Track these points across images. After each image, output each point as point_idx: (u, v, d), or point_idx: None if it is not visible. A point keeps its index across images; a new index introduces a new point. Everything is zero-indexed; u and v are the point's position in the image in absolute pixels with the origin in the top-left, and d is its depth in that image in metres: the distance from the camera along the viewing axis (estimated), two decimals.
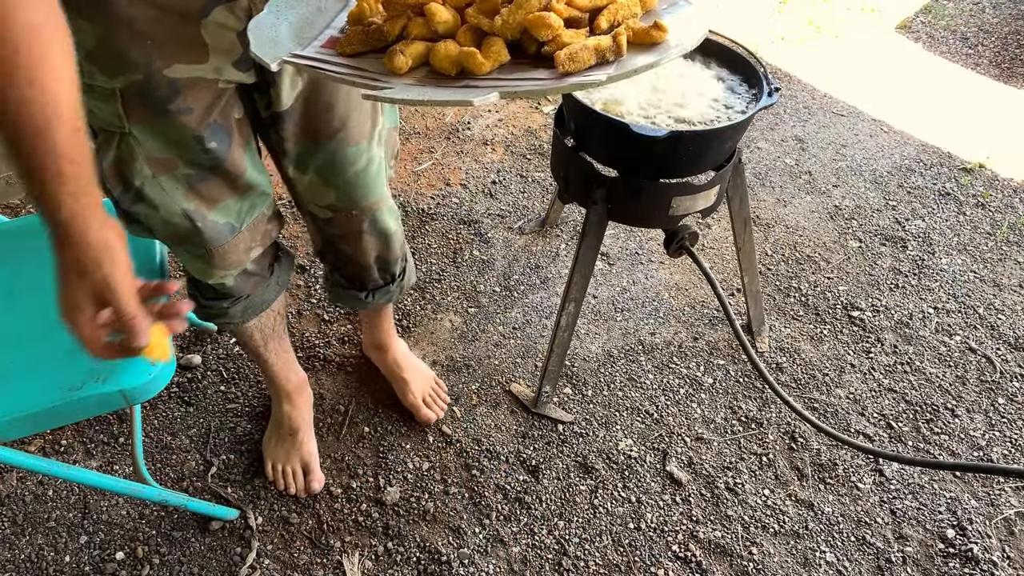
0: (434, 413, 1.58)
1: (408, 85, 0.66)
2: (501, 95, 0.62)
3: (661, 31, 0.70)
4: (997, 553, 1.42)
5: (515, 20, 0.68)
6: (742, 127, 1.27)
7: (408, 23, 0.71)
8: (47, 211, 0.67)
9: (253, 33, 0.72)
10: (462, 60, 0.67)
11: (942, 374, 1.73)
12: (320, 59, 0.70)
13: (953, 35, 3.02)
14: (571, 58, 0.65)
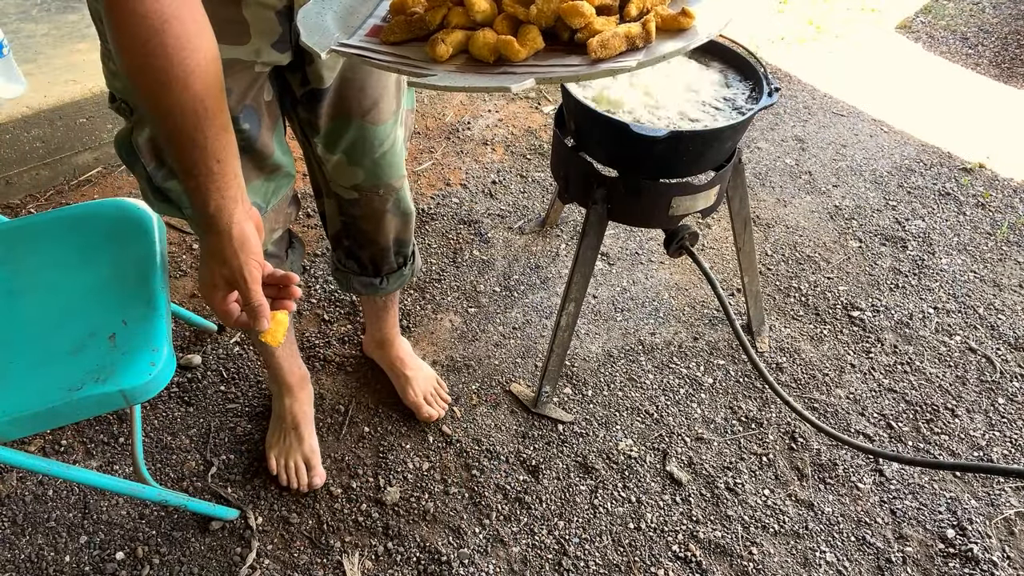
0: (435, 412, 1.58)
1: (449, 72, 0.70)
2: (537, 81, 0.66)
3: (688, 17, 0.73)
4: (997, 553, 1.42)
5: (550, 9, 0.71)
6: (742, 127, 1.27)
7: (448, 12, 0.74)
8: (197, 204, 0.77)
9: (302, 23, 0.75)
10: (500, 48, 0.70)
11: (942, 374, 1.73)
12: (366, 48, 0.74)
13: (953, 35, 3.02)
14: (603, 45, 0.68)
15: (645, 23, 0.71)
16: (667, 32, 0.74)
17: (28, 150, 2.00)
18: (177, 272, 1.88)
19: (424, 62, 0.72)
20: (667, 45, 0.72)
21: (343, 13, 0.81)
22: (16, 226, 1.27)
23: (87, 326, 1.09)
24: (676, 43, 0.72)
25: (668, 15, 0.74)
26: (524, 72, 0.69)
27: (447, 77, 0.68)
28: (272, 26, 0.92)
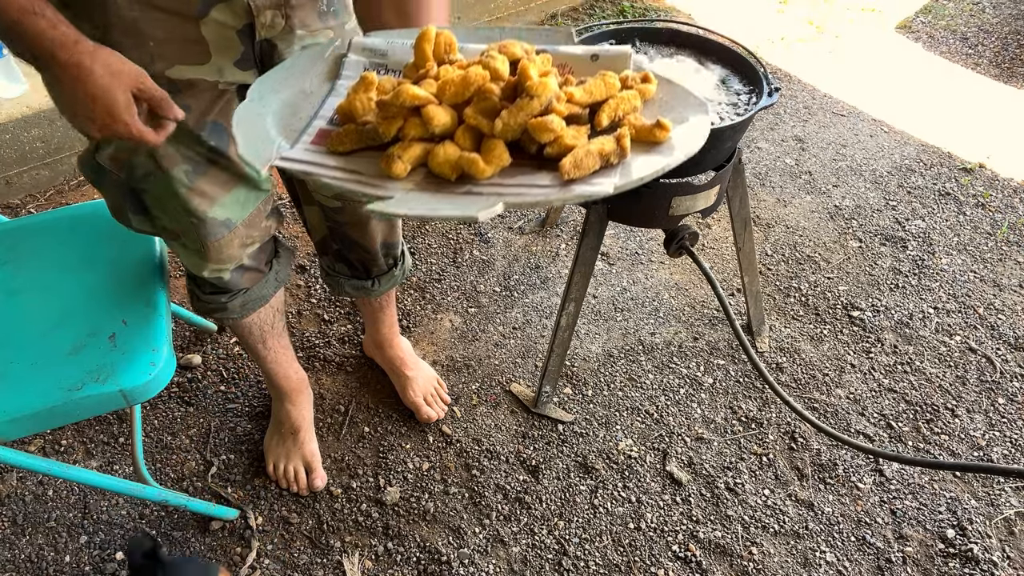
0: (435, 412, 1.58)
1: (408, 192, 0.64)
2: (506, 206, 0.60)
3: (664, 130, 0.68)
4: (997, 553, 1.42)
5: (516, 123, 0.65)
6: (742, 127, 1.27)
7: (404, 123, 0.67)
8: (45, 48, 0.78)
9: (239, 128, 0.68)
10: (463, 165, 0.64)
11: (942, 374, 1.73)
12: (312, 161, 0.67)
13: (953, 35, 3.02)
14: (576, 165, 0.63)
15: (619, 138, 0.65)
16: (641, 144, 0.68)
17: (28, 150, 2.00)
18: (177, 272, 1.88)
19: (378, 179, 0.65)
20: (643, 162, 0.66)
21: (284, 112, 0.74)
22: (16, 226, 1.27)
23: (87, 326, 1.09)
24: (653, 160, 0.66)
25: (642, 126, 0.69)
26: (491, 193, 0.63)
27: (406, 200, 0.62)
28: (233, 45, 0.91)
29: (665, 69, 1.38)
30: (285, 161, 0.66)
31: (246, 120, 0.70)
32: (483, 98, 0.68)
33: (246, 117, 0.71)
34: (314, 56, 0.81)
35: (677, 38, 1.44)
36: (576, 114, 0.69)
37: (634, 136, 0.68)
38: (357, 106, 0.69)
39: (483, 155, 0.65)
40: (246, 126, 0.69)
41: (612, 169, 0.65)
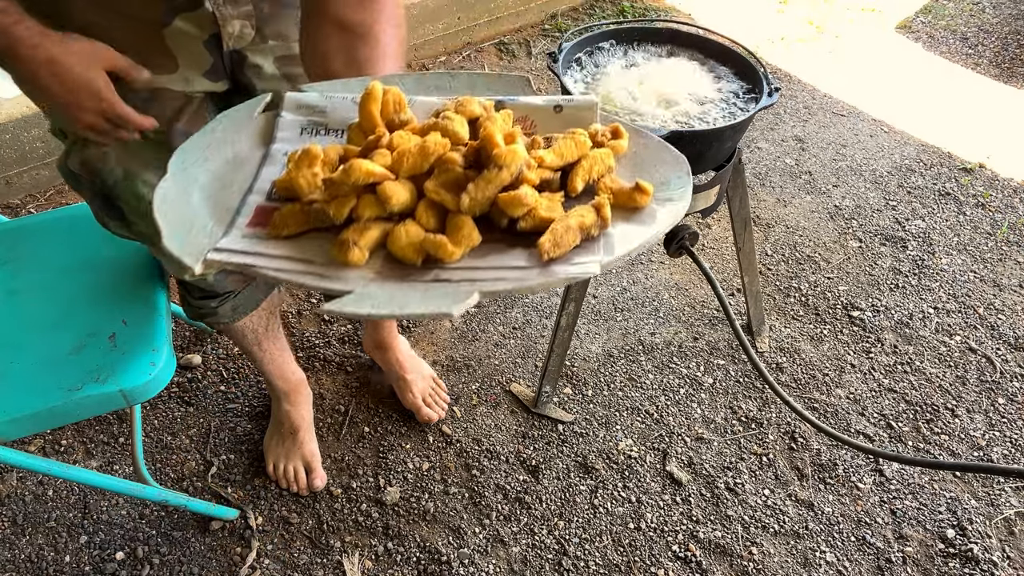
0: (435, 413, 1.57)
1: (368, 282, 0.56)
2: (482, 295, 0.54)
3: (644, 194, 0.62)
4: (997, 553, 1.42)
5: (484, 197, 0.59)
6: (742, 127, 1.27)
7: (358, 202, 0.59)
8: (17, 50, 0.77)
9: (161, 212, 0.58)
10: (429, 249, 0.57)
11: (942, 374, 1.73)
12: (253, 251, 0.58)
13: (953, 35, 3.02)
14: (556, 244, 0.57)
15: (599, 208, 0.60)
16: (621, 209, 0.63)
17: (28, 150, 2.00)
18: None
19: (332, 267, 0.58)
20: (626, 233, 0.61)
21: (213, 187, 0.65)
22: (16, 226, 1.27)
23: (87, 326, 1.09)
24: (636, 231, 0.61)
25: (621, 191, 0.63)
26: (462, 279, 0.57)
27: (368, 296, 0.54)
28: (201, 57, 0.90)
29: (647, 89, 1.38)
30: (220, 253, 0.57)
31: (169, 201, 0.60)
32: (444, 169, 0.61)
33: (169, 197, 0.61)
34: (242, 116, 0.72)
35: (677, 38, 1.44)
36: (547, 179, 0.63)
37: (613, 202, 0.62)
38: (301, 183, 0.60)
39: (450, 235, 0.58)
40: (169, 209, 0.59)
41: (594, 243, 0.60)
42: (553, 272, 0.56)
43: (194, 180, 0.64)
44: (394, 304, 0.53)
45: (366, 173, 0.58)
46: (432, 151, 0.60)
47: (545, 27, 2.91)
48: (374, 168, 0.58)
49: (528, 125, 0.72)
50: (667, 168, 0.67)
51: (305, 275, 0.57)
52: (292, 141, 0.70)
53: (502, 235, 0.61)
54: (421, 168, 0.60)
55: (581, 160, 0.64)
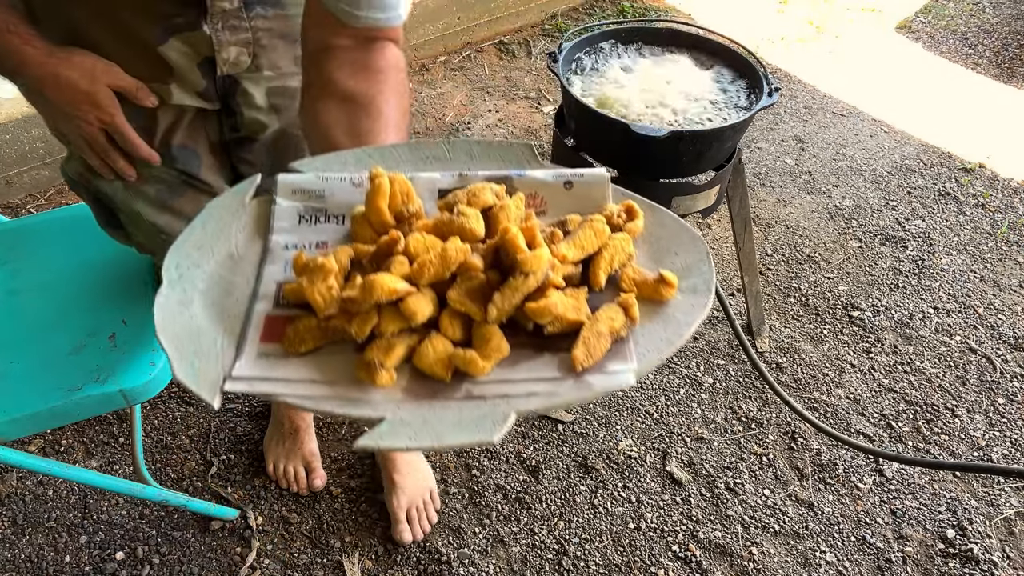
0: (409, 535, 1.37)
1: (399, 406, 0.54)
2: (519, 414, 0.53)
3: (669, 287, 0.61)
4: (997, 553, 1.42)
5: (511, 305, 0.57)
6: (742, 127, 1.27)
7: (380, 319, 0.57)
8: (22, 64, 0.80)
9: (166, 335, 0.56)
10: (458, 364, 0.56)
11: (942, 374, 1.73)
12: (272, 376, 0.56)
13: (953, 35, 3.02)
14: (589, 354, 0.56)
15: (627, 308, 0.59)
16: (644, 302, 0.61)
17: (28, 150, 2.00)
18: None
19: (357, 388, 0.55)
20: (654, 335, 0.59)
21: (214, 293, 0.61)
22: (16, 226, 1.27)
23: (87, 326, 1.09)
24: (665, 332, 0.59)
25: (645, 283, 0.62)
26: (495, 395, 0.55)
27: (402, 425, 0.52)
28: (193, 77, 0.90)
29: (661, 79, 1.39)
30: (238, 382, 0.54)
31: (171, 319, 0.57)
32: (467, 277, 0.59)
33: (170, 314, 0.57)
34: (233, 205, 0.68)
35: (677, 38, 1.44)
36: (570, 275, 0.62)
37: (637, 294, 0.61)
38: (317, 300, 0.58)
39: (478, 347, 0.57)
40: (173, 327, 0.56)
41: (623, 344, 0.58)
42: (588, 385, 0.55)
43: (192, 286, 0.61)
44: (431, 433, 0.51)
45: (389, 291, 0.56)
46: (454, 259, 0.58)
47: (545, 27, 2.91)
48: (396, 285, 0.56)
49: (538, 203, 0.70)
50: (686, 252, 0.65)
51: (331, 401, 0.54)
52: (291, 231, 0.67)
53: (528, 338, 0.59)
54: (443, 277, 0.58)
55: (602, 251, 0.63)
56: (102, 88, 0.84)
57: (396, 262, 0.59)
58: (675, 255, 0.66)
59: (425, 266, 0.58)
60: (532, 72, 2.67)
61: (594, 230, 0.63)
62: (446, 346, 0.57)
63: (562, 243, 0.63)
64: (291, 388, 0.55)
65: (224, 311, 0.60)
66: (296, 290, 0.60)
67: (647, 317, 0.61)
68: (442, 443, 0.51)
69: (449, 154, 0.74)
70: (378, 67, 0.80)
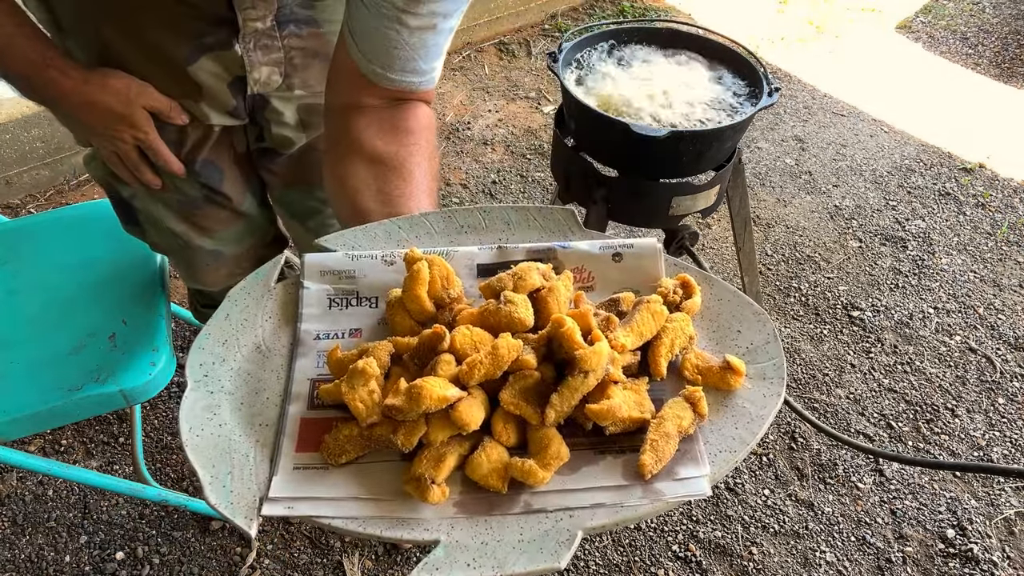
0: None
1: (450, 523, 0.50)
2: (585, 532, 0.49)
3: (737, 375, 0.57)
4: (997, 553, 1.42)
5: (570, 406, 0.53)
6: (742, 127, 1.27)
7: (428, 427, 0.53)
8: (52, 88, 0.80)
9: (192, 446, 0.52)
10: (516, 476, 0.51)
11: (942, 374, 1.73)
12: (312, 496, 0.51)
13: (953, 35, 3.02)
14: (658, 460, 0.52)
15: (695, 404, 0.54)
16: (709, 392, 0.57)
17: (28, 150, 2.00)
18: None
19: (405, 506, 0.51)
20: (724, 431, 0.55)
21: (241, 393, 0.57)
22: (16, 226, 1.27)
23: (87, 326, 1.09)
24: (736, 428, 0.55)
25: (710, 370, 0.57)
26: (557, 508, 0.50)
27: (459, 551, 0.48)
28: (224, 97, 0.89)
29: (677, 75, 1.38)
30: (275, 505, 0.50)
31: (198, 430, 0.53)
32: (520, 376, 0.54)
33: (197, 424, 0.53)
34: (258, 291, 0.63)
35: (677, 38, 1.44)
36: (628, 365, 0.57)
37: (701, 383, 0.57)
38: (359, 407, 0.53)
39: (535, 455, 0.52)
40: (203, 445, 0.52)
41: (692, 445, 0.54)
42: (659, 493, 0.51)
43: (219, 387, 0.56)
44: (492, 560, 0.47)
45: (438, 400, 0.51)
46: (506, 359, 0.53)
47: (545, 27, 2.91)
48: (446, 392, 0.51)
49: (586, 278, 0.66)
50: (750, 330, 0.61)
51: (380, 522, 0.50)
52: (320, 318, 0.62)
53: (587, 439, 0.55)
54: (494, 376, 0.54)
55: (661, 336, 0.58)
56: (137, 109, 0.84)
57: (442, 362, 0.54)
58: (738, 333, 0.62)
59: (475, 367, 0.53)
60: (532, 72, 2.67)
61: (651, 312, 0.58)
62: (501, 454, 0.52)
63: (619, 330, 0.57)
64: (334, 509, 0.50)
65: (255, 415, 0.56)
66: (333, 391, 0.55)
67: (715, 411, 0.56)
68: (504, 572, 0.47)
69: (484, 223, 0.69)
70: (409, 128, 0.77)
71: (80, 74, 0.81)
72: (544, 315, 0.58)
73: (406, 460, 0.53)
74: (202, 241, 1.03)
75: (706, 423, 0.55)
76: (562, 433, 0.54)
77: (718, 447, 0.54)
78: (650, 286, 0.64)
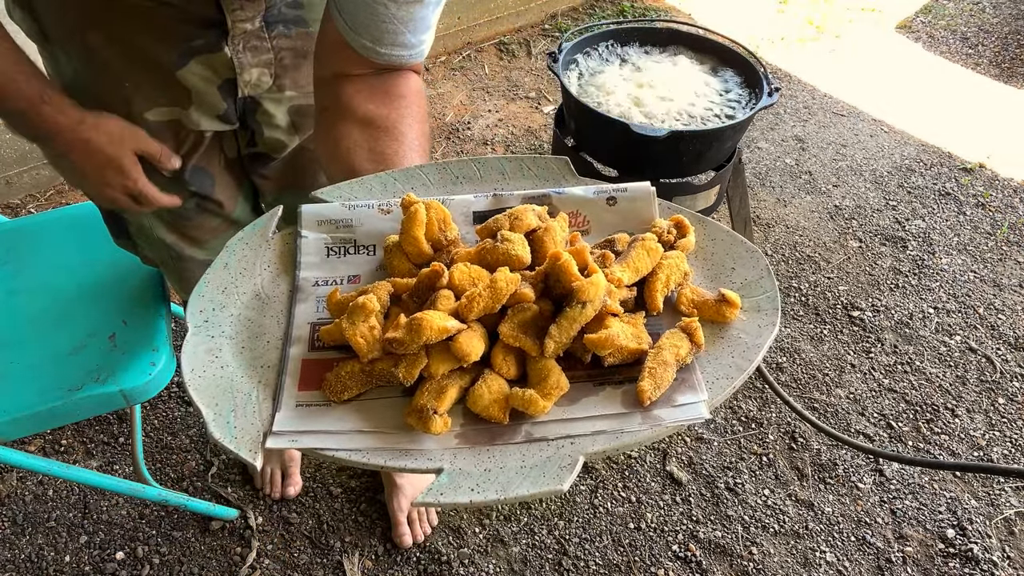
0: (409, 537, 1.37)
1: (453, 452, 0.51)
2: (587, 457, 0.50)
3: (732, 307, 0.58)
4: (997, 553, 1.42)
5: (568, 338, 0.53)
6: (742, 127, 1.27)
7: (429, 360, 0.53)
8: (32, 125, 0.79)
9: (194, 386, 0.52)
10: (517, 406, 0.52)
11: (942, 374, 1.73)
12: (314, 430, 0.52)
13: (953, 35, 3.01)
14: (656, 387, 0.52)
15: (691, 333, 0.55)
16: (706, 325, 0.58)
17: (28, 150, 2.00)
18: None
19: (408, 438, 0.52)
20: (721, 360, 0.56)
21: (243, 338, 0.58)
22: (16, 226, 1.27)
23: (87, 326, 1.09)
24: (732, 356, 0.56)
25: (705, 303, 0.58)
26: (558, 437, 0.51)
27: (462, 477, 0.49)
28: (213, 100, 0.88)
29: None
30: (279, 438, 0.51)
31: (200, 371, 0.54)
32: (519, 309, 0.55)
33: (199, 365, 0.54)
34: (255, 240, 0.64)
35: (677, 38, 1.44)
36: (625, 299, 0.58)
37: (698, 317, 0.58)
38: (360, 343, 0.54)
39: (536, 385, 0.53)
40: (205, 385, 0.53)
41: (690, 374, 0.55)
42: (658, 419, 0.52)
43: (220, 332, 0.57)
44: (495, 485, 0.48)
45: (438, 330, 0.51)
46: (504, 291, 0.54)
47: (545, 27, 2.91)
48: (446, 323, 0.52)
49: (581, 222, 0.67)
50: (744, 266, 0.62)
51: (383, 453, 0.50)
52: (319, 266, 0.63)
53: (586, 371, 0.56)
54: (492, 310, 0.54)
55: (656, 272, 0.59)
56: (127, 153, 0.83)
57: (441, 297, 0.55)
58: (732, 270, 0.63)
59: (474, 300, 0.53)
60: (532, 72, 2.67)
61: (646, 249, 0.59)
62: (501, 386, 0.53)
63: (615, 266, 0.58)
64: (337, 441, 0.51)
65: (256, 358, 0.57)
66: (333, 331, 0.56)
67: (711, 341, 0.57)
68: (508, 495, 0.48)
69: (479, 173, 0.70)
70: (400, 93, 0.78)
71: (76, 113, 0.80)
72: (541, 254, 0.59)
73: (407, 395, 0.54)
74: (194, 252, 1.03)
75: (703, 353, 0.56)
76: (561, 366, 0.54)
77: (715, 375, 0.55)
78: (644, 228, 0.65)
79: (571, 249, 0.58)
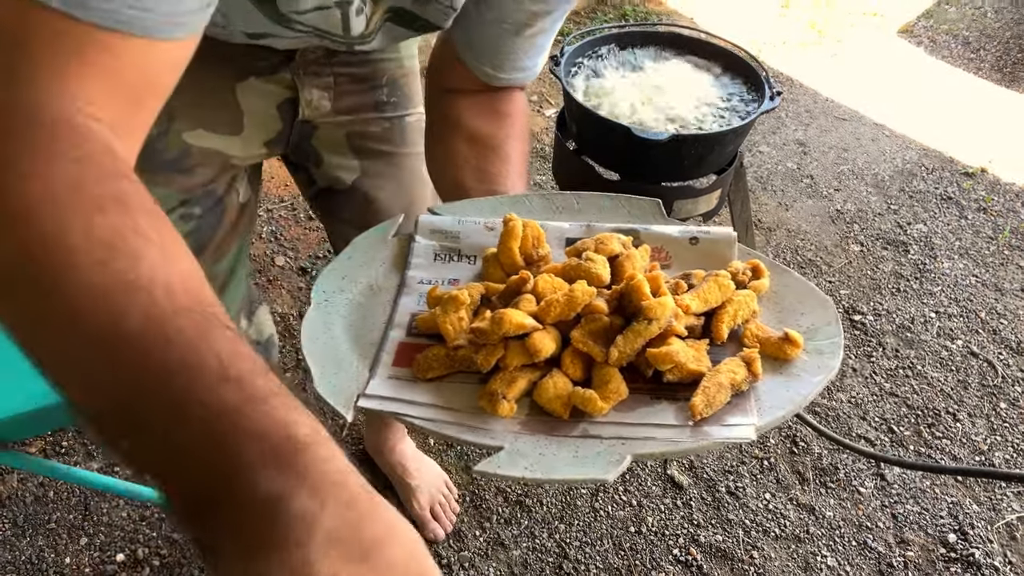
0: (441, 529, 1.41)
1: (516, 437, 0.56)
2: (634, 458, 0.53)
3: (794, 346, 0.60)
4: (999, 558, 1.42)
5: (632, 350, 0.58)
6: (744, 131, 1.27)
7: (506, 352, 0.59)
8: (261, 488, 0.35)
9: (309, 351, 0.60)
10: (577, 403, 0.57)
11: (944, 378, 1.73)
12: (399, 397, 0.59)
13: (955, 39, 3.02)
14: (708, 404, 0.56)
15: (750, 363, 0.59)
16: (767, 360, 0.61)
17: None
18: None
19: (478, 417, 0.58)
20: (775, 392, 0.59)
21: (353, 318, 0.66)
22: None
23: None
24: (786, 391, 0.59)
25: (768, 340, 0.61)
26: (612, 437, 0.56)
27: (519, 455, 0.54)
28: (270, 121, 0.85)
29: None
30: (370, 400, 0.58)
31: (315, 337, 0.62)
32: (591, 319, 0.61)
33: (314, 333, 0.63)
34: (376, 240, 0.73)
35: (679, 42, 1.44)
36: (691, 325, 0.62)
37: (760, 351, 0.61)
38: (448, 329, 0.61)
39: (597, 388, 0.58)
40: (316, 347, 0.61)
41: (744, 399, 0.58)
42: (706, 434, 0.55)
43: (336, 311, 0.66)
44: (546, 466, 0.53)
45: (516, 325, 0.58)
46: (580, 301, 0.60)
47: None
48: (524, 320, 0.58)
49: (663, 257, 0.72)
50: (813, 313, 0.65)
51: (453, 427, 0.57)
52: (426, 268, 0.71)
53: (646, 384, 0.60)
54: (567, 316, 0.60)
55: (725, 305, 0.63)
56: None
57: (524, 300, 0.61)
58: (801, 315, 0.65)
59: (552, 305, 0.59)
60: None
61: (718, 284, 0.63)
62: (566, 384, 0.58)
63: (686, 294, 0.63)
64: (417, 411, 0.58)
65: (362, 336, 0.65)
66: (428, 320, 0.63)
67: (770, 374, 0.60)
68: (557, 476, 0.52)
69: (578, 206, 0.76)
70: (507, 111, 0.80)
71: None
72: (619, 277, 0.64)
73: (482, 383, 0.60)
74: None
75: (759, 384, 0.60)
76: (624, 378, 0.59)
77: (769, 404, 0.58)
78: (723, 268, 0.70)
79: (647, 275, 0.62)
